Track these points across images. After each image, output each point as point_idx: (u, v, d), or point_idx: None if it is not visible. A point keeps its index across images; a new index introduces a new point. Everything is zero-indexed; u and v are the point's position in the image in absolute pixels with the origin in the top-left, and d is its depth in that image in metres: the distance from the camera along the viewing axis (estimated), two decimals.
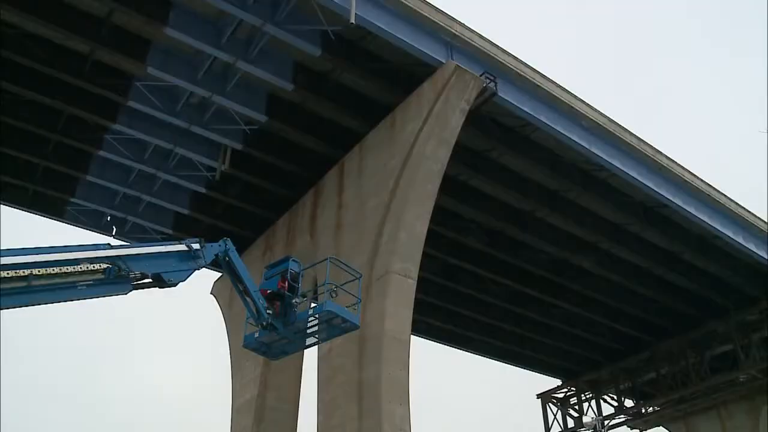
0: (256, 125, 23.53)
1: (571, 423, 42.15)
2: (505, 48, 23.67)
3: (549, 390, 43.22)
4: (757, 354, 36.12)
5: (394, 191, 20.91)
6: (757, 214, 32.90)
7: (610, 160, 26.15)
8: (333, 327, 12.53)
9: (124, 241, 26.93)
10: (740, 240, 31.46)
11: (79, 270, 9.51)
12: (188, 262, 11.19)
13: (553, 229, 29.14)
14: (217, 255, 11.77)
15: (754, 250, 32.18)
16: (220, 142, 24.07)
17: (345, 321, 12.36)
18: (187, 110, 22.84)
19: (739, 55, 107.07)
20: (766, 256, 32.94)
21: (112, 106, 22.62)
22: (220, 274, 27.53)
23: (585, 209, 28.42)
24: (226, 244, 11.96)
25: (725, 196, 31.27)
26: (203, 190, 26.19)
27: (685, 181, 29.21)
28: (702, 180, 30.13)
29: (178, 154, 24.55)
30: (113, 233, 27.96)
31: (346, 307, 12.71)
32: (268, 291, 12.20)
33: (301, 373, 25.17)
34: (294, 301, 12.20)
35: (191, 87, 21.58)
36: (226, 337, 28.13)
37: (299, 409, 25.00)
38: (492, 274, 31.24)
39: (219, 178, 25.19)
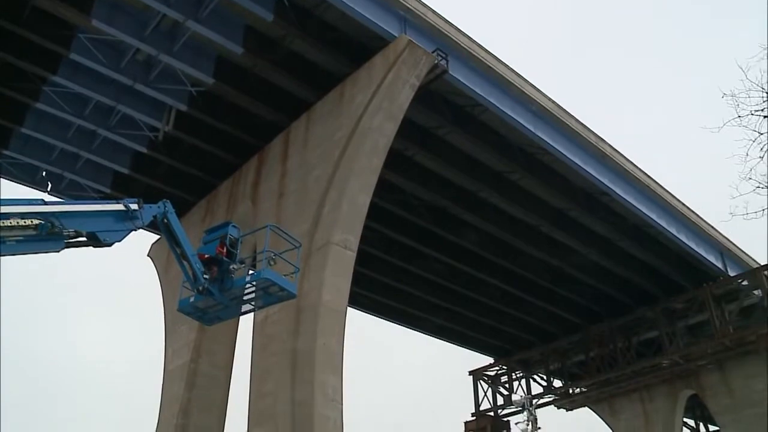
0: (202, 87, 23.09)
1: (500, 400, 43.12)
2: (459, 27, 23.72)
3: (481, 367, 44.00)
4: (680, 341, 37.47)
5: (339, 162, 20.85)
6: (691, 207, 33.99)
7: (555, 145, 26.53)
8: (270, 295, 12.43)
9: (60, 197, 26.20)
10: (673, 231, 32.41)
11: (10, 224, 9.19)
12: (125, 223, 10.93)
13: (496, 209, 29.49)
14: (155, 217, 11.52)
15: (685, 241, 33.21)
16: (165, 102, 23.53)
17: (282, 289, 12.27)
18: (132, 67, 22.23)
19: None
20: (695, 248, 34.05)
21: (52, 58, 21.82)
22: (158, 236, 27.12)
23: (528, 192, 28.82)
24: (165, 206, 11.71)
25: (662, 187, 32.13)
26: (145, 151, 25.63)
27: (626, 170, 29.87)
28: (642, 170, 30.87)
29: (120, 112, 23.92)
30: (48, 189, 27.12)
31: (284, 275, 12.63)
32: (206, 255, 12.00)
33: (235, 340, 25.05)
34: (232, 267, 12.03)
35: (138, 43, 20.99)
36: (162, 300, 27.78)
37: (232, 375, 24.90)
38: (432, 251, 31.49)
39: (162, 139, 24.66)
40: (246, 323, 22.90)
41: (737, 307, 36.39)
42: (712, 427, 45.57)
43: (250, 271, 13.01)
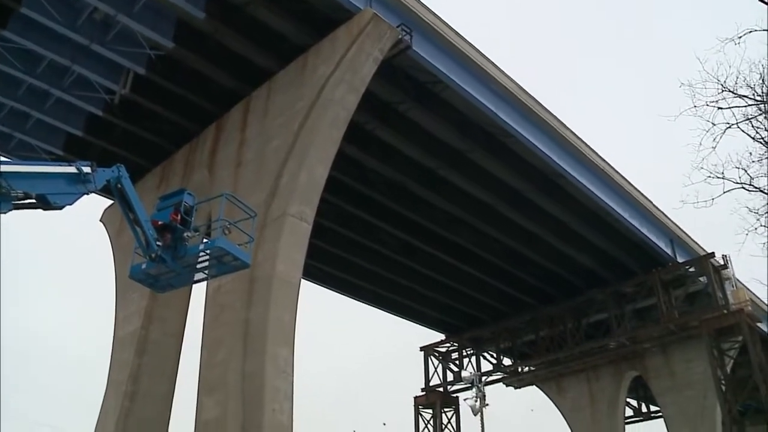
0: (162, 51, 22.57)
1: (450, 377, 43.69)
2: (425, 3, 23.59)
3: (432, 343, 44.45)
4: (628, 324, 38.33)
5: (299, 133, 20.69)
6: (645, 193, 34.62)
7: (515, 126, 26.68)
8: (223, 264, 12.35)
9: (8, 158, 25.42)
10: (627, 216, 32.97)
11: None
12: (77, 186, 10.71)
13: (453, 187, 29.62)
14: (108, 181, 11.31)
15: (638, 226, 33.83)
16: (123, 64, 22.91)
17: (236, 259, 12.20)
18: (89, 26, 21.50)
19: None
20: (647, 234, 34.72)
21: (1, 11, 20.94)
22: (111, 201, 26.62)
23: (486, 172, 28.96)
24: (119, 171, 11.50)
25: (618, 173, 32.64)
26: (100, 113, 24.99)
27: (583, 154, 30.23)
28: (599, 155, 31.27)
29: (75, 72, 23.20)
30: None
31: (239, 245, 12.54)
32: (160, 222, 11.85)
33: (187, 309, 24.83)
34: (185, 234, 11.91)
35: (95, 2, 20.33)
36: (113, 266, 27.37)
37: (183, 344, 24.72)
38: (388, 226, 31.54)
39: (118, 103, 24.11)
40: (199, 292, 22.73)
41: (683, 293, 37.35)
42: (653, 407, 46.90)
43: (204, 240, 12.90)
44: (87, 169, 10.74)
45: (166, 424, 23.19)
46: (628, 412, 46.37)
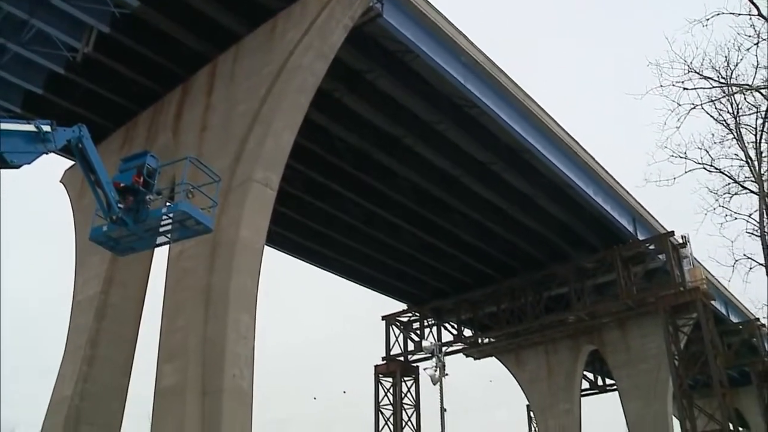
0: (127, 9, 21.95)
1: (411, 346, 44.07)
2: None
3: (394, 313, 44.73)
4: (587, 299, 38.97)
5: (266, 99, 20.45)
6: (609, 170, 34.98)
7: (483, 99, 26.65)
8: (186, 228, 12.18)
9: None
10: (591, 192, 33.30)
11: None
12: (36, 145, 10.43)
13: (420, 158, 29.60)
14: (69, 141, 11.02)
15: (601, 203, 34.22)
16: (85, 21, 22.23)
17: (198, 223, 12.04)
18: None
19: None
20: (610, 210, 35.16)
21: None
22: (72, 162, 26.08)
23: (452, 143, 28.97)
24: (80, 131, 11.22)
25: (584, 149, 32.88)
26: (61, 71, 24.31)
27: (550, 129, 30.36)
28: (565, 131, 31.45)
29: (35, 27, 22.36)
30: None
31: (202, 209, 12.38)
32: (122, 184, 11.62)
33: (148, 273, 24.54)
34: (148, 197, 11.69)
35: None
36: (73, 229, 26.90)
37: (143, 309, 24.46)
38: (353, 195, 31.46)
39: (81, 61, 23.46)
40: (160, 256, 22.47)
41: (642, 270, 38.02)
42: (608, 381, 47.93)
43: (167, 203, 12.69)
44: (47, 128, 10.46)
45: (125, 390, 23.03)
46: (584, 384, 47.36)
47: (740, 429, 37.45)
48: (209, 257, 18.83)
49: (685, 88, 12.89)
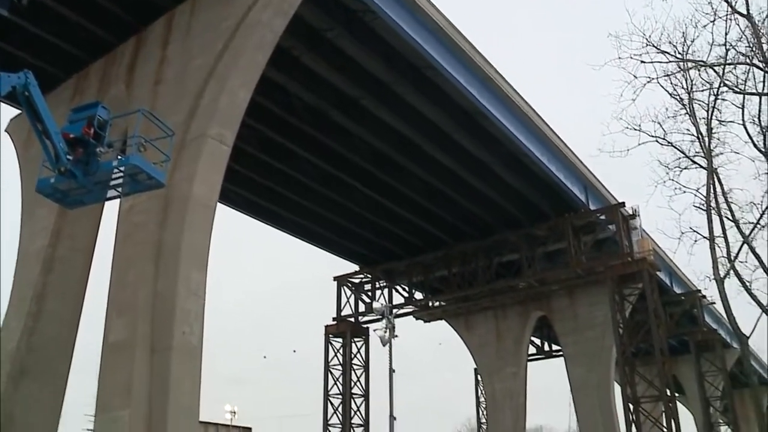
0: None
1: (362, 307, 44.38)
2: None
3: (346, 274, 44.90)
4: (537, 266, 39.62)
5: (223, 54, 20.04)
6: (564, 139, 35.32)
7: (443, 63, 26.54)
8: (137, 182, 11.95)
9: None
10: (545, 161, 33.62)
11: None
12: None
13: (377, 121, 29.44)
14: (14, 87, 10.66)
15: (555, 171, 34.60)
16: None
17: (150, 177, 11.82)
18: None
19: None
20: (563, 179, 35.59)
21: None
22: (19, 110, 25.26)
23: (411, 106, 28.85)
24: (26, 77, 10.86)
25: (540, 117, 33.11)
26: (5, 13, 23.27)
27: (508, 96, 30.44)
28: (523, 98, 31.56)
29: None
30: None
31: (154, 164, 12.15)
32: (71, 135, 11.31)
33: (98, 227, 24.08)
34: (98, 149, 11.41)
35: None
36: (19, 180, 26.17)
37: (92, 263, 24.06)
38: (309, 155, 31.24)
39: (27, 4, 22.53)
40: (111, 210, 22.06)
41: (592, 239, 38.74)
42: (555, 347, 49.05)
43: (119, 157, 12.41)
44: None
45: (72, 345, 22.72)
46: (531, 349, 48.42)
47: (676, 394, 38.69)
48: (161, 212, 18.58)
49: (642, 62, 13.05)
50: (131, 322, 17.83)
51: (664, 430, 35.72)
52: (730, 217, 12.94)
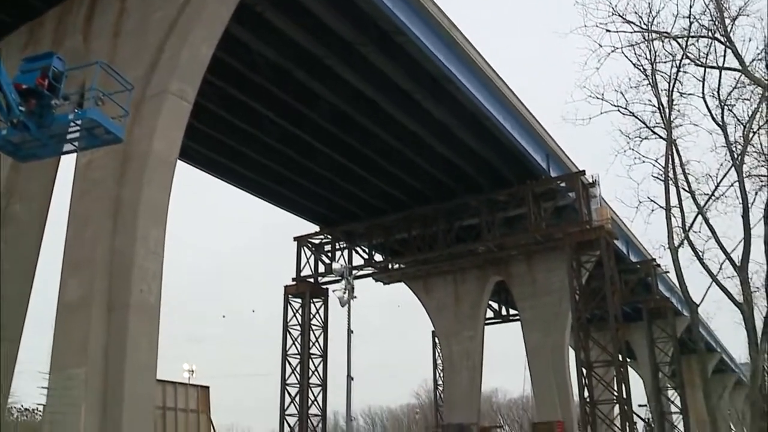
0: None
1: (321, 268, 44.43)
2: None
3: (306, 234, 44.84)
4: (497, 231, 40.00)
5: (184, 7, 19.52)
6: (528, 106, 35.44)
7: (409, 25, 26.27)
8: (94, 137, 11.62)
9: None
10: (508, 126, 33.74)
11: None
12: None
13: (340, 80, 29.11)
14: None
15: (518, 138, 34.77)
16: None
17: (108, 132, 11.50)
18: None
19: None
20: (526, 146, 35.80)
21: None
22: None
23: (375, 67, 28.56)
24: None
25: (505, 83, 33.12)
26: None
27: (473, 61, 30.34)
28: (488, 63, 31.49)
29: None
30: None
31: (113, 118, 11.83)
32: (24, 86, 10.93)
33: (53, 182, 23.50)
34: (53, 101, 11.04)
35: None
36: None
37: (47, 218, 23.54)
38: (270, 113, 30.86)
39: None
40: (67, 165, 21.55)
41: (552, 206, 39.20)
42: (512, 311, 49.81)
43: (75, 110, 12.05)
44: None
45: (26, 303, 22.29)
46: (489, 314, 49.10)
47: (628, 360, 39.69)
48: (119, 168, 18.21)
49: (607, 30, 13.08)
50: (88, 280, 17.56)
51: (615, 393, 36.72)
52: (687, 188, 13.17)
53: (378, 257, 45.01)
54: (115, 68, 13.95)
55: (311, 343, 43.45)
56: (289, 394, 42.51)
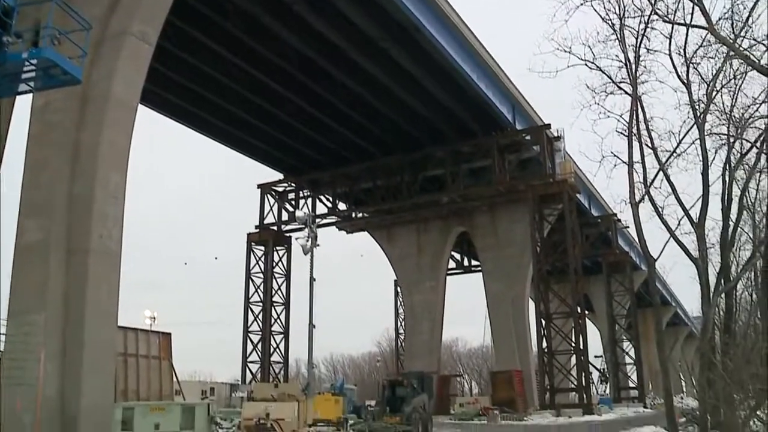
0: None
1: (285, 216, 44.35)
2: None
3: (270, 182, 44.61)
4: (462, 182, 40.21)
5: None
6: (495, 57, 35.29)
7: None
8: (51, 77, 11.26)
9: None
10: (475, 78, 33.59)
11: None
12: None
13: (308, 27, 28.60)
14: None
15: (484, 89, 34.68)
16: None
17: (65, 73, 11.14)
18: None
19: None
20: (492, 97, 35.75)
21: None
22: None
23: (343, 15, 28.08)
24: None
25: (473, 34, 32.87)
26: None
27: (442, 10, 30.00)
28: (457, 14, 31.18)
29: None
30: None
31: (70, 59, 11.47)
32: None
33: (9, 123, 22.90)
34: (5, 39, 10.64)
35: None
36: None
37: (2, 161, 22.95)
38: (238, 60, 30.30)
39: None
40: (23, 106, 20.96)
41: (516, 159, 39.43)
42: (474, 262, 50.38)
43: (30, 49, 11.65)
44: None
45: None
46: (451, 264, 49.61)
47: (586, 312, 40.66)
48: (78, 111, 17.73)
49: None
50: (45, 225, 17.23)
51: (572, 344, 37.58)
52: (649, 145, 13.24)
53: (342, 206, 45.05)
54: (73, 6, 13.49)
55: (274, 291, 43.60)
56: (252, 342, 42.77)
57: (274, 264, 43.82)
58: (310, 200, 44.53)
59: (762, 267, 14.27)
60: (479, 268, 45.78)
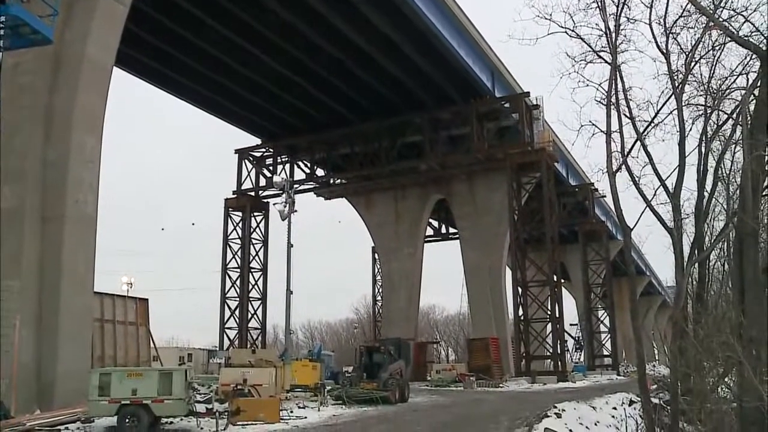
0: None
1: (263, 182, 44.14)
2: None
3: (248, 147, 44.29)
4: (440, 150, 40.15)
5: None
6: (475, 23, 35.03)
7: None
8: (20, 36, 11.04)
9: None
10: (455, 44, 33.33)
11: None
12: None
13: None
14: None
15: (464, 56, 34.43)
16: None
17: (35, 32, 10.93)
18: None
19: None
20: (471, 64, 35.52)
21: None
22: None
23: None
24: None
25: (455, 1, 32.59)
26: None
27: None
28: None
29: None
30: None
31: (40, 17, 11.21)
32: None
33: None
34: None
35: None
36: None
37: None
38: (217, 23, 29.78)
39: None
40: None
41: (495, 127, 39.39)
42: (452, 230, 50.54)
43: None
44: None
45: None
46: (429, 231, 49.73)
47: (562, 280, 41.12)
48: (50, 73, 17.37)
49: None
50: (19, 191, 16.93)
51: (548, 312, 38.01)
52: (627, 114, 13.22)
53: (320, 172, 44.88)
54: None
55: (251, 257, 43.56)
56: (229, 308, 42.81)
57: (252, 230, 43.71)
58: (287, 166, 44.30)
59: (734, 238, 14.44)
60: (457, 236, 45.92)
